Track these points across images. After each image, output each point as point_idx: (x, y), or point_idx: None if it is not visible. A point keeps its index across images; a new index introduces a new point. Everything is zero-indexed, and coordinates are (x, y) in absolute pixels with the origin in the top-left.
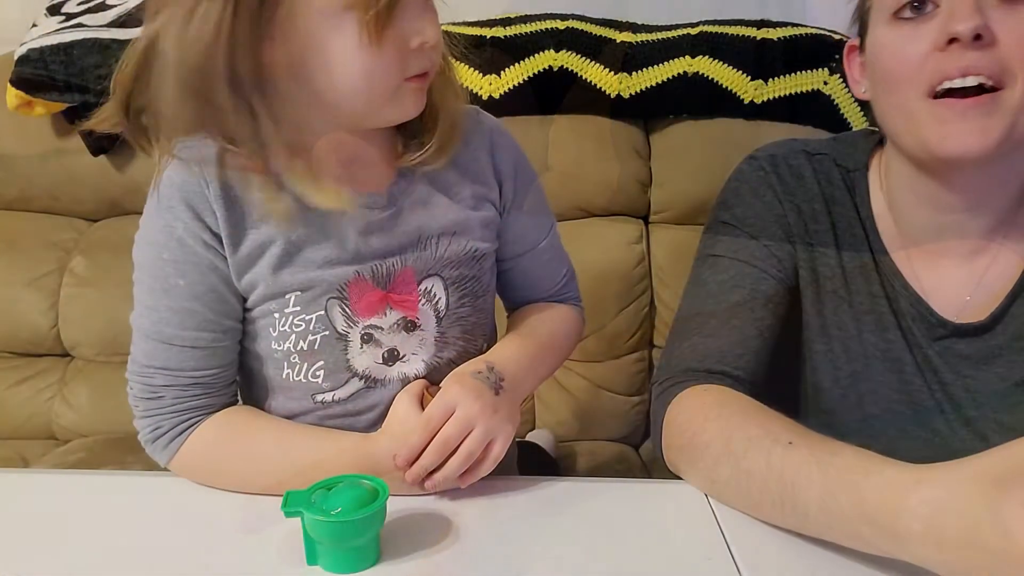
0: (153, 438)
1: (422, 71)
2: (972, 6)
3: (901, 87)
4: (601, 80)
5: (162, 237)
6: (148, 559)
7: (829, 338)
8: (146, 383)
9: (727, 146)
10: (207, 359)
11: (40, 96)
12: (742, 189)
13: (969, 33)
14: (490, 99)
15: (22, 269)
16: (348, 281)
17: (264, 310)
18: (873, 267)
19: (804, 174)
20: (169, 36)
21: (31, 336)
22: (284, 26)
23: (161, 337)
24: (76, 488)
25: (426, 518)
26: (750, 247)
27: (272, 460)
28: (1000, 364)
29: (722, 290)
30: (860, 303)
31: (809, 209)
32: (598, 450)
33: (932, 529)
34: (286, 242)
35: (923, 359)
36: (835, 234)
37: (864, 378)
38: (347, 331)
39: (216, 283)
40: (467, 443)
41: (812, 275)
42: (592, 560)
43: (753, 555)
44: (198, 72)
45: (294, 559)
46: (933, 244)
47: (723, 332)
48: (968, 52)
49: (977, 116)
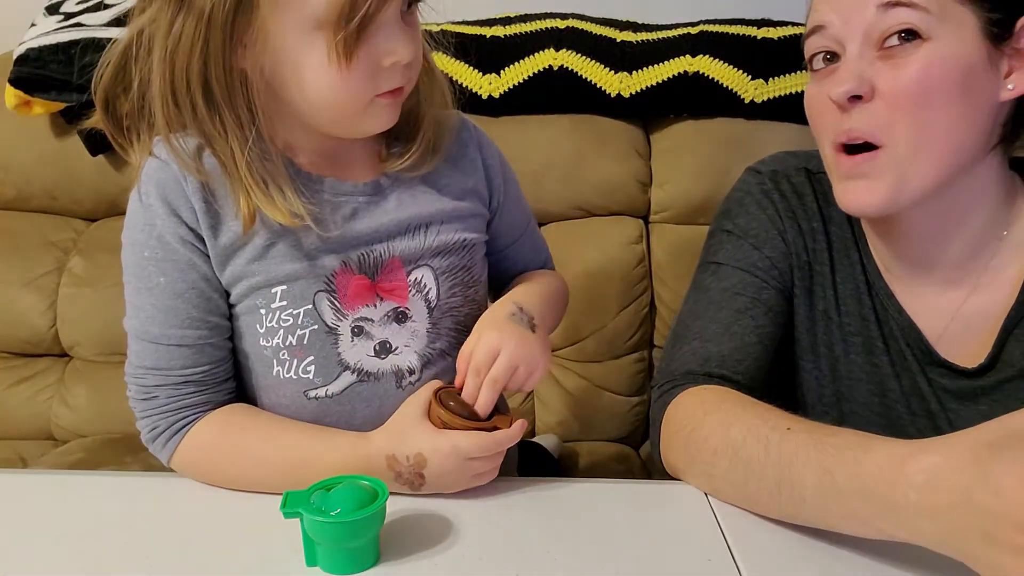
0: (152, 438)
1: (395, 87)
2: (851, 68)
3: (817, 134)
4: (601, 79)
5: (143, 236)
6: (146, 560)
7: (817, 356)
8: (140, 384)
9: (728, 146)
10: (195, 357)
11: (38, 96)
12: (746, 200)
13: (842, 98)
14: (490, 98)
15: (20, 269)
16: (335, 271)
17: (250, 306)
18: (866, 290)
19: (804, 192)
20: (149, 37)
21: (29, 336)
22: (257, 37)
23: (148, 337)
24: (74, 489)
25: (426, 519)
26: (752, 257)
27: (268, 458)
28: (983, 402)
29: (724, 297)
30: (849, 324)
31: (808, 228)
32: (598, 450)
33: (926, 497)
34: (268, 232)
35: (911, 386)
36: (831, 255)
37: (847, 399)
38: (336, 324)
39: (196, 280)
40: (513, 382)
41: (806, 293)
42: (592, 561)
43: (754, 555)
44: (173, 74)
45: (293, 560)
46: (910, 273)
47: (724, 338)
48: (850, 114)
49: (863, 174)
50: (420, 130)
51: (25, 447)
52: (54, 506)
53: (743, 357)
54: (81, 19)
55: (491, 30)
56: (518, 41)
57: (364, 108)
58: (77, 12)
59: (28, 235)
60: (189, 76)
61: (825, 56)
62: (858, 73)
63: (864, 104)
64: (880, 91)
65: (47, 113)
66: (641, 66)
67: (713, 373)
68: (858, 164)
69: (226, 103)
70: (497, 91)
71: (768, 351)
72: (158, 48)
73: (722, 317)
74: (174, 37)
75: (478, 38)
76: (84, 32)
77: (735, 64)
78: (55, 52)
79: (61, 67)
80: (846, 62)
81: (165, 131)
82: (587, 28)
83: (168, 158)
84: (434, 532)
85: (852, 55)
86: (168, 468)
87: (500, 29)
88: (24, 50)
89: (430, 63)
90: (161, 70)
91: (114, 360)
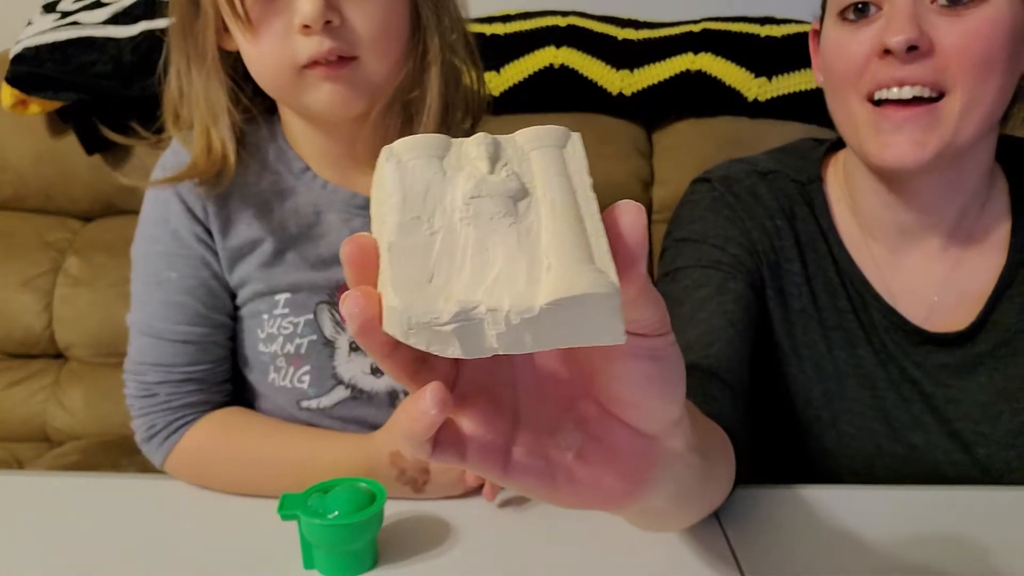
0: (148, 436)
1: (314, 56)
2: (908, 17)
3: (844, 88)
4: (603, 78)
5: (156, 230)
6: (142, 562)
7: (800, 359)
8: (140, 380)
9: (730, 145)
10: (199, 354)
11: (35, 94)
12: (699, 209)
13: (901, 47)
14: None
15: (15, 269)
16: (340, 283)
17: (253, 310)
18: (839, 282)
19: (760, 192)
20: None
21: (24, 337)
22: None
23: (152, 332)
24: (70, 490)
25: (424, 521)
26: (715, 254)
27: (269, 458)
28: (982, 372)
29: (686, 293)
30: (828, 319)
31: (772, 226)
32: None
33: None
34: (278, 240)
35: (899, 372)
36: (799, 250)
37: (837, 397)
38: (335, 337)
39: (207, 278)
40: None
41: (779, 294)
42: (593, 562)
43: (755, 556)
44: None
45: (290, 563)
46: (897, 243)
47: (688, 327)
48: (903, 64)
49: (912, 129)
50: (421, 128)
51: (20, 449)
52: (50, 508)
53: (712, 341)
54: (78, 17)
55: (491, 28)
56: (518, 39)
57: (294, 81)
58: (74, 11)
59: (23, 235)
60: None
61: (856, 7)
62: (917, 22)
63: (920, 56)
64: (940, 45)
65: (43, 112)
66: (643, 64)
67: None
68: (908, 119)
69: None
70: (497, 89)
71: (742, 337)
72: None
73: (684, 311)
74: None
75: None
76: (81, 31)
77: (738, 62)
78: (52, 51)
79: (58, 66)
80: (898, 9)
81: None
82: (588, 26)
83: (183, 152)
84: (432, 535)
85: (904, 3)
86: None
87: (500, 27)
88: (21, 48)
89: (441, 58)
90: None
91: (110, 361)
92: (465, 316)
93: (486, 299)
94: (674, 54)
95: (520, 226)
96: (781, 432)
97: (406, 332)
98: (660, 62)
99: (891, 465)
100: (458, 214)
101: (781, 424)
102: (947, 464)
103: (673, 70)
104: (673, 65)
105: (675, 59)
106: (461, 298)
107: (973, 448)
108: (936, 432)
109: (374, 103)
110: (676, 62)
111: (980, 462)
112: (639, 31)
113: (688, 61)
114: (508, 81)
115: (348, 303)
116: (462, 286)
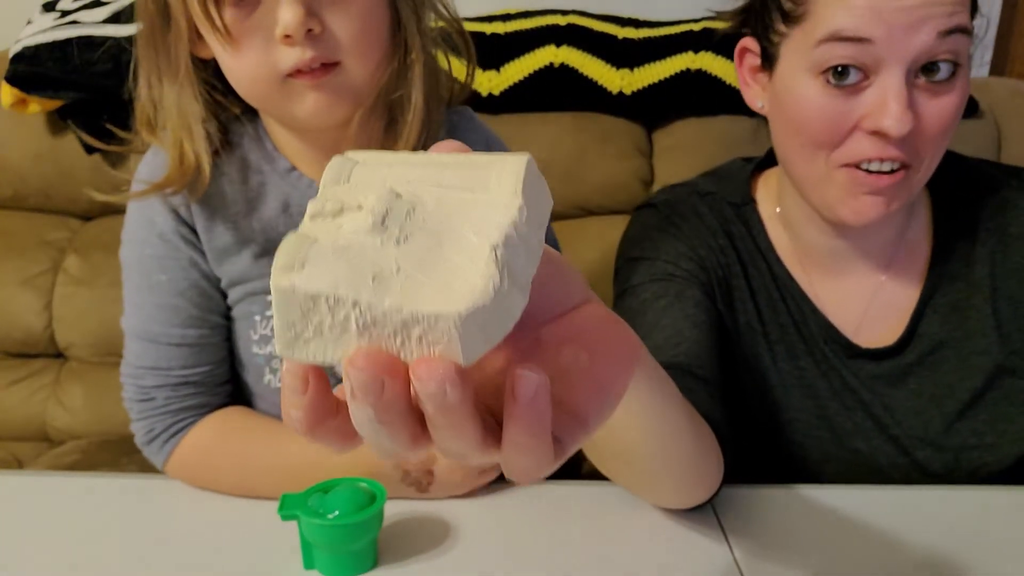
0: (147, 440)
1: (297, 65)
2: (906, 104)
3: (814, 147)
4: (603, 77)
5: (144, 233)
6: (143, 562)
7: (750, 370)
8: (138, 384)
9: (730, 144)
10: (196, 356)
11: (35, 94)
12: (647, 231)
13: (901, 135)
14: (490, 96)
15: (15, 269)
16: None
17: (245, 311)
18: (779, 297)
19: (702, 212)
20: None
21: (24, 336)
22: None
23: (148, 335)
24: (70, 490)
25: (425, 521)
26: (668, 268)
27: (271, 459)
28: (912, 381)
29: (646, 305)
30: (771, 333)
31: (716, 244)
32: None
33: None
34: (265, 240)
35: (840, 382)
36: (743, 267)
37: (783, 407)
38: None
39: (198, 278)
40: None
41: (728, 309)
42: (593, 562)
43: (754, 556)
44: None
45: (291, 563)
46: (829, 264)
47: (655, 331)
48: (893, 144)
49: (888, 192)
50: (406, 127)
51: (20, 448)
52: (50, 508)
53: (679, 340)
54: (77, 16)
55: (491, 27)
56: (518, 38)
57: (277, 91)
58: (73, 9)
59: (23, 234)
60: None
61: (837, 71)
62: (911, 106)
63: (907, 135)
64: (921, 122)
65: (43, 111)
66: (643, 63)
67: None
68: (894, 183)
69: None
70: (497, 88)
71: (707, 336)
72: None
73: (648, 319)
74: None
75: (478, 35)
76: (80, 30)
77: None
78: (51, 50)
79: (57, 65)
80: (893, 93)
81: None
82: (588, 25)
83: (158, 162)
84: (433, 535)
85: (896, 82)
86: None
87: (500, 26)
88: (20, 48)
89: (423, 55)
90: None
91: (110, 361)
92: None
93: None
94: (674, 53)
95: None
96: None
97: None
98: (660, 61)
99: (839, 470)
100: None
101: (738, 431)
102: (890, 468)
103: (673, 69)
104: (673, 64)
105: (675, 58)
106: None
107: (912, 452)
108: (877, 438)
109: (358, 107)
110: (676, 61)
111: (920, 464)
112: (639, 30)
113: (688, 60)
114: (508, 80)
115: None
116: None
